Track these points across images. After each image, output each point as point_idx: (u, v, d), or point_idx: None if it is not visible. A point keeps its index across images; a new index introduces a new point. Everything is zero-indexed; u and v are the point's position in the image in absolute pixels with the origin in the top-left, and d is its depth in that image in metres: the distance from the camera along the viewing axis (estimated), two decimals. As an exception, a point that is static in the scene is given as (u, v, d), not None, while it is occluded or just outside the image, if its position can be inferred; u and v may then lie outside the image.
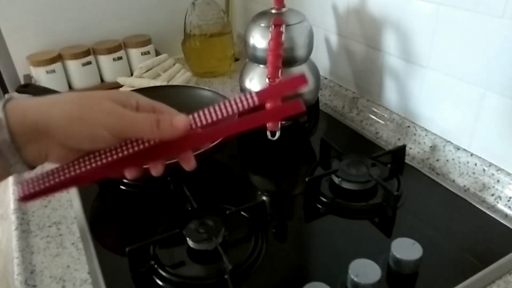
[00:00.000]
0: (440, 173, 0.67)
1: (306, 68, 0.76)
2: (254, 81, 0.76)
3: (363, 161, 0.64)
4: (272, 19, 0.72)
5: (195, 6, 1.02)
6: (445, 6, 0.61)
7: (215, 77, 1.09)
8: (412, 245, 0.49)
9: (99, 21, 1.07)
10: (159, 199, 0.65)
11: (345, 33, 0.83)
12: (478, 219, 0.57)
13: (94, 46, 1.03)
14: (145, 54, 1.06)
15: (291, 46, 0.72)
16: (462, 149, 0.65)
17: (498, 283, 0.49)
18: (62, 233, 0.59)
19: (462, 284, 0.48)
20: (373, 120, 0.80)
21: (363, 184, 0.62)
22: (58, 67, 0.98)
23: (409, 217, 0.58)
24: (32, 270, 0.54)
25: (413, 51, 0.69)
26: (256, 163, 0.74)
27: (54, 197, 0.67)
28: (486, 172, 0.61)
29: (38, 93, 0.86)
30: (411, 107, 0.73)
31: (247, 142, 0.80)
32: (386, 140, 0.77)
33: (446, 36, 0.63)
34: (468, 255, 0.52)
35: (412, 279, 0.49)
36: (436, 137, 0.69)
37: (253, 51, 0.75)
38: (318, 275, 0.50)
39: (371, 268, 0.46)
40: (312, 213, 0.60)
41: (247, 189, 0.67)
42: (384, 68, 0.77)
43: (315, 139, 0.79)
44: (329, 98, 0.91)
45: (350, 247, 0.54)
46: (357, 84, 0.85)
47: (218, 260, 0.50)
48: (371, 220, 0.58)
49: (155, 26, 1.14)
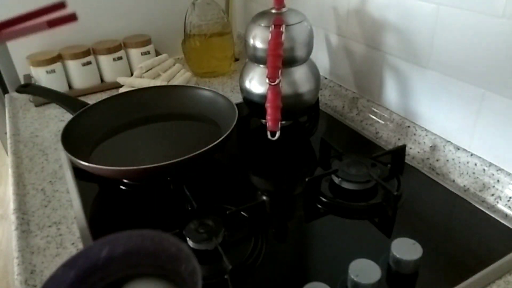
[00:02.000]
0: (440, 173, 0.67)
1: (306, 68, 0.76)
2: (254, 81, 0.76)
3: (363, 161, 0.64)
4: (272, 19, 0.72)
5: (195, 6, 1.02)
6: (445, 6, 0.61)
7: (215, 77, 1.09)
8: (412, 245, 0.49)
9: (99, 21, 1.08)
10: (159, 199, 0.65)
11: (345, 33, 0.84)
12: (478, 219, 0.57)
13: (94, 46, 1.03)
14: (145, 54, 1.06)
15: (291, 46, 0.72)
16: (462, 149, 0.65)
17: (498, 283, 0.49)
18: (62, 233, 0.59)
19: (462, 284, 0.48)
20: (373, 120, 0.80)
21: (363, 184, 0.62)
22: (58, 67, 0.98)
23: (409, 217, 0.58)
24: (32, 270, 0.54)
25: (413, 51, 0.69)
26: (256, 163, 0.74)
27: (54, 197, 0.67)
28: (486, 172, 0.61)
29: (38, 93, 0.86)
30: (411, 107, 0.73)
31: (247, 142, 0.80)
32: (386, 140, 0.77)
33: (446, 36, 0.63)
34: (468, 255, 0.52)
35: (412, 279, 0.49)
36: (436, 137, 0.69)
37: (253, 51, 0.75)
38: (318, 275, 0.50)
39: (371, 268, 0.46)
40: (312, 213, 0.60)
41: (247, 189, 0.67)
42: (384, 68, 0.77)
43: (315, 139, 0.79)
44: (329, 98, 0.91)
45: (350, 247, 0.54)
46: (357, 84, 0.85)
47: (218, 260, 0.50)
48: (371, 220, 0.58)
49: (155, 26, 1.14)
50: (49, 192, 0.68)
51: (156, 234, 0.39)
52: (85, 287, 0.39)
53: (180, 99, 0.83)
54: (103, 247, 0.40)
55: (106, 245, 0.40)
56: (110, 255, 0.40)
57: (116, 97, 0.82)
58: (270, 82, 0.65)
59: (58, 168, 0.74)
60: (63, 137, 0.66)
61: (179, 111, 0.82)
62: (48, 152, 0.79)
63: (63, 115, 0.92)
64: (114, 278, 0.40)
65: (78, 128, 0.72)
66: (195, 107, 0.81)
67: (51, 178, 0.71)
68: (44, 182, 0.71)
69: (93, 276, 0.39)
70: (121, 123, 0.79)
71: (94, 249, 0.40)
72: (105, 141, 0.75)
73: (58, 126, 0.88)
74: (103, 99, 0.80)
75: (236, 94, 0.96)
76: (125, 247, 0.40)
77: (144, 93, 0.84)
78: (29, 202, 0.66)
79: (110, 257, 0.40)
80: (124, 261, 0.40)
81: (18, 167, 0.75)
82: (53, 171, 0.73)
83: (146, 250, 0.39)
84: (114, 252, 0.40)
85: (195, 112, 0.81)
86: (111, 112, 0.79)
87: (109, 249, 0.40)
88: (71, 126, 0.71)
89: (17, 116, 0.94)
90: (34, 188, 0.69)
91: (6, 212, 1.98)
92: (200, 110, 0.81)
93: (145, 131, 0.79)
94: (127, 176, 0.66)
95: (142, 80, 0.95)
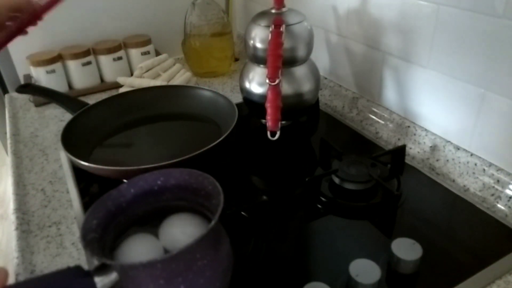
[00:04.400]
0: (440, 173, 0.67)
1: (306, 68, 0.76)
2: (254, 81, 0.76)
3: (363, 161, 0.64)
4: (272, 19, 0.72)
5: (195, 6, 1.02)
6: (445, 6, 0.61)
7: (215, 77, 1.09)
8: (412, 245, 0.49)
9: (99, 21, 1.08)
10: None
11: (345, 33, 0.84)
12: (478, 219, 0.57)
13: (94, 46, 1.03)
14: (145, 54, 1.06)
15: (291, 46, 0.72)
16: (462, 149, 0.65)
17: (498, 283, 0.49)
18: (62, 233, 0.59)
19: (462, 284, 0.48)
20: (373, 120, 0.80)
21: (363, 184, 0.62)
22: (58, 67, 0.98)
23: (409, 217, 0.58)
24: (32, 270, 0.54)
25: (413, 51, 0.69)
26: (256, 163, 0.74)
27: (54, 197, 0.67)
28: (486, 172, 0.61)
29: (38, 93, 0.86)
30: (411, 107, 0.73)
31: (247, 142, 0.80)
32: (386, 140, 0.77)
33: (446, 36, 0.63)
34: (468, 255, 0.52)
35: (412, 279, 0.49)
36: (436, 137, 0.69)
37: (253, 51, 0.75)
38: (318, 275, 0.50)
39: (371, 268, 0.46)
40: (312, 213, 0.60)
41: (247, 189, 0.67)
42: (384, 68, 0.77)
43: (315, 139, 0.79)
44: (329, 98, 0.91)
45: (350, 247, 0.54)
46: (357, 84, 0.85)
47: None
48: (371, 220, 0.58)
49: (155, 26, 1.14)
50: (49, 192, 0.68)
51: (200, 174, 0.46)
52: (140, 205, 0.47)
53: (180, 99, 0.83)
54: (160, 176, 0.47)
55: (162, 176, 0.47)
56: (164, 185, 0.47)
57: (116, 97, 0.82)
58: (270, 82, 0.65)
59: (58, 168, 0.74)
60: (63, 137, 0.66)
61: (179, 111, 0.82)
62: (48, 152, 0.79)
63: (63, 115, 0.92)
64: (165, 204, 0.47)
65: (78, 128, 0.72)
66: (195, 107, 0.81)
67: (51, 178, 0.71)
68: (44, 182, 0.71)
69: (148, 198, 0.47)
70: (121, 123, 0.79)
71: (153, 176, 0.47)
72: (105, 141, 0.75)
73: (58, 126, 0.88)
74: (103, 99, 0.80)
75: (236, 94, 0.96)
76: (176, 181, 0.47)
77: (144, 93, 0.84)
78: (29, 202, 0.66)
79: (164, 186, 0.47)
80: (175, 192, 0.47)
81: (18, 167, 0.75)
82: (53, 171, 0.73)
83: (191, 186, 0.46)
84: (168, 183, 0.47)
85: (195, 112, 0.81)
86: (111, 112, 0.79)
87: (164, 179, 0.47)
88: (71, 126, 0.71)
89: (17, 116, 0.94)
90: (34, 188, 0.69)
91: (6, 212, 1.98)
92: (200, 110, 0.81)
93: (145, 131, 0.79)
94: (127, 176, 0.66)
95: (142, 80, 0.95)
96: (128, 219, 0.46)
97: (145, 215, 0.47)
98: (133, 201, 0.46)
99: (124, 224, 0.46)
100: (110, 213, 0.44)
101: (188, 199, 0.47)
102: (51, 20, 1.03)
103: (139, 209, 0.47)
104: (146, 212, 0.47)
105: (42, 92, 0.84)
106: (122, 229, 0.45)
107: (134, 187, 0.47)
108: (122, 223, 0.45)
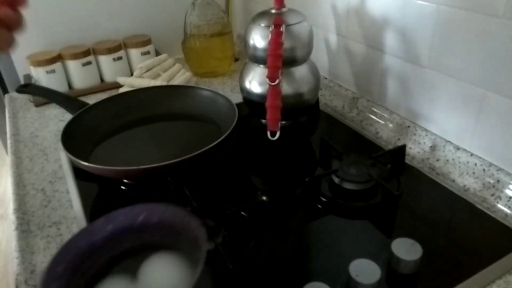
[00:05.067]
0: (440, 173, 0.67)
1: (306, 68, 0.76)
2: (254, 81, 0.76)
3: (363, 161, 0.64)
4: (272, 19, 0.72)
5: (195, 6, 1.02)
6: (445, 6, 0.61)
7: (215, 77, 1.09)
8: (412, 245, 0.49)
9: (99, 21, 1.08)
10: (159, 199, 0.65)
11: (345, 33, 0.84)
12: (478, 219, 0.57)
13: (94, 46, 1.03)
14: (145, 54, 1.06)
15: (291, 46, 0.72)
16: (462, 149, 0.65)
17: (498, 283, 0.49)
18: (62, 233, 0.59)
19: (462, 284, 0.48)
20: (373, 120, 0.80)
21: (363, 184, 0.62)
22: (58, 67, 0.98)
23: (409, 217, 0.58)
24: (32, 270, 0.54)
25: (413, 51, 0.69)
26: (256, 163, 0.74)
27: (54, 197, 0.67)
28: (486, 172, 0.61)
29: (38, 93, 0.86)
30: (411, 107, 0.73)
31: (247, 142, 0.80)
32: (386, 140, 0.77)
33: (446, 36, 0.63)
34: (468, 255, 0.52)
35: (412, 279, 0.49)
36: (436, 137, 0.69)
37: (253, 51, 0.75)
38: (318, 275, 0.50)
39: (371, 268, 0.46)
40: (312, 213, 0.60)
41: (247, 189, 0.67)
42: (384, 68, 0.77)
43: (315, 139, 0.79)
44: (329, 98, 0.91)
45: (350, 247, 0.54)
46: (357, 84, 0.85)
47: (218, 260, 0.50)
48: (371, 220, 0.58)
49: (155, 26, 1.14)
50: (49, 192, 0.68)
51: (186, 214, 0.42)
52: (116, 243, 0.43)
53: (180, 99, 0.83)
54: (142, 212, 0.44)
55: (144, 211, 0.44)
56: (146, 222, 0.43)
57: (116, 97, 0.82)
58: (270, 82, 0.65)
59: (58, 168, 0.74)
60: (63, 137, 0.66)
61: (179, 111, 0.82)
62: (48, 152, 0.79)
63: (63, 115, 0.92)
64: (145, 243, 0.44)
65: (78, 128, 0.72)
66: (195, 107, 0.81)
67: (51, 178, 0.71)
68: (44, 182, 0.71)
69: (128, 236, 0.43)
70: (121, 123, 0.79)
71: (134, 211, 0.44)
72: (105, 141, 0.75)
73: (58, 126, 0.88)
74: (103, 99, 0.80)
75: (236, 94, 0.96)
76: (160, 218, 0.43)
77: (144, 93, 0.84)
78: (29, 202, 0.66)
79: (145, 223, 0.43)
80: (158, 231, 0.44)
81: (18, 167, 0.75)
82: (53, 171, 0.73)
83: (175, 226, 0.43)
84: (150, 220, 0.43)
85: (195, 112, 0.81)
86: (111, 112, 0.79)
87: (146, 216, 0.44)
88: (71, 126, 0.71)
89: (17, 116, 0.94)
90: (34, 188, 0.69)
91: (6, 212, 1.98)
92: (200, 110, 0.81)
93: (145, 131, 0.79)
94: (127, 176, 0.66)
95: (142, 80, 0.95)
96: (102, 260, 0.42)
97: (122, 254, 0.43)
98: (110, 239, 0.43)
99: (98, 265, 0.42)
100: (82, 254, 0.41)
101: (170, 238, 0.44)
102: (51, 20, 1.04)
103: (116, 248, 0.43)
104: (124, 252, 0.43)
105: (42, 92, 0.84)
106: (95, 272, 0.42)
107: (112, 222, 0.43)
108: (96, 265, 0.42)
